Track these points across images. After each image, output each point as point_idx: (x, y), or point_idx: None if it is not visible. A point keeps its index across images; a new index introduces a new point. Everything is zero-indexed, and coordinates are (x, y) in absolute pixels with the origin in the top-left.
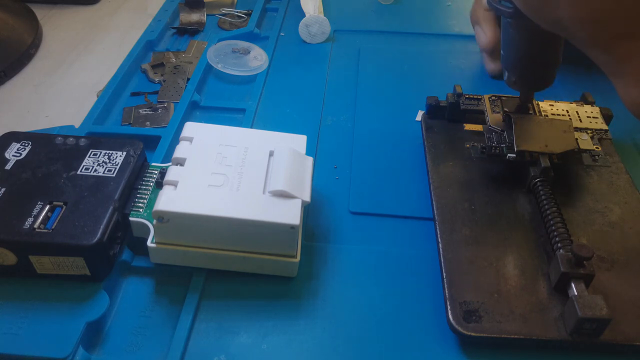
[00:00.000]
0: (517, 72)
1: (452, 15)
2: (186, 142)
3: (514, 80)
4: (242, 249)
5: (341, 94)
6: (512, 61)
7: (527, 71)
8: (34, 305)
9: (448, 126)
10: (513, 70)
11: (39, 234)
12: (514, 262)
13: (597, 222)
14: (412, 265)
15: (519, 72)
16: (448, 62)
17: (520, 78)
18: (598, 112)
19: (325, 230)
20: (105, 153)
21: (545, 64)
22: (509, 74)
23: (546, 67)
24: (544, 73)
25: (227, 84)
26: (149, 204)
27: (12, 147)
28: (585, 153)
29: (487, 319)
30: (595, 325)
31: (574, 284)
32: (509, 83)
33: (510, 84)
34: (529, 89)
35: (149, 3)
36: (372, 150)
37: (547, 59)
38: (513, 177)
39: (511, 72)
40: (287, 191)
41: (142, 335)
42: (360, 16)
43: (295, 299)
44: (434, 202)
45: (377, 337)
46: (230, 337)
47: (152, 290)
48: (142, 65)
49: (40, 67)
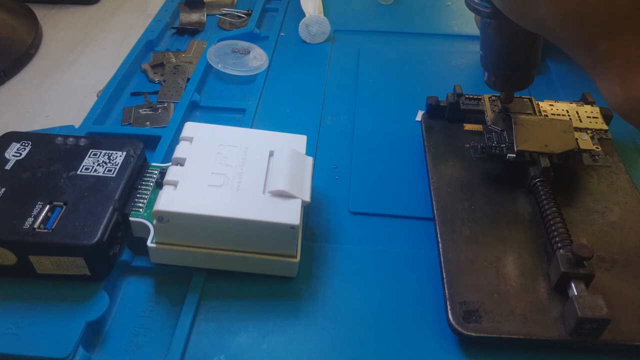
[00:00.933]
0: (497, 73)
1: (452, 15)
2: (186, 142)
3: (493, 80)
4: (242, 249)
5: (341, 94)
6: (491, 61)
7: (507, 71)
8: (34, 305)
9: (448, 126)
10: (492, 71)
11: (39, 234)
12: (514, 262)
13: (597, 222)
14: (412, 265)
15: (499, 72)
16: (448, 62)
17: (500, 78)
18: (598, 112)
19: (325, 230)
20: (105, 153)
21: (525, 64)
22: (489, 74)
23: (526, 67)
24: (523, 73)
25: (227, 84)
26: (149, 204)
27: (12, 147)
28: (585, 153)
29: (487, 319)
30: (595, 325)
31: (574, 284)
32: (488, 83)
33: (490, 84)
34: (509, 89)
35: (149, 3)
36: (372, 150)
37: (527, 59)
38: (513, 177)
39: (490, 72)
40: (287, 191)
41: (142, 335)
42: (360, 16)
43: (295, 299)
44: (434, 202)
45: (377, 337)
46: (230, 337)
47: (152, 290)
48: (142, 65)
49: (40, 67)
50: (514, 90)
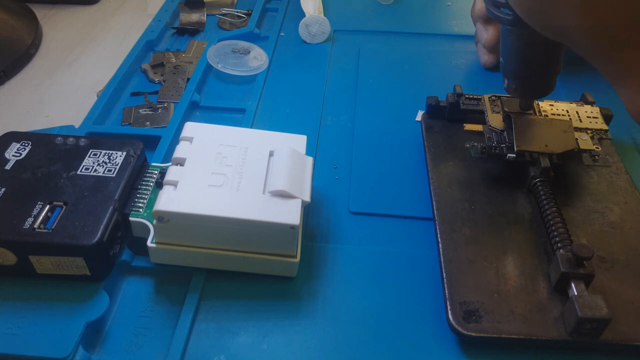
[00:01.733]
0: (518, 80)
1: (452, 15)
2: (186, 142)
3: (514, 88)
4: (242, 249)
5: (341, 94)
6: (512, 69)
7: (528, 79)
8: (34, 305)
9: (448, 126)
10: (513, 79)
11: (39, 234)
12: (514, 262)
13: (597, 222)
14: (412, 265)
15: (519, 80)
16: (448, 62)
17: (521, 86)
18: (598, 112)
19: (325, 230)
20: (105, 153)
21: (546, 71)
22: (509, 82)
23: (547, 74)
24: (544, 80)
25: (227, 84)
26: (149, 204)
27: (12, 147)
28: (585, 153)
29: (487, 319)
30: (595, 325)
31: (574, 284)
32: (508, 90)
33: (510, 91)
34: (529, 96)
35: (149, 3)
36: (372, 150)
37: (548, 67)
38: (513, 177)
39: (511, 80)
40: (287, 191)
41: (142, 335)
42: (360, 16)
43: (295, 299)
44: (434, 202)
45: (377, 337)
46: (230, 337)
47: (152, 290)
48: (142, 65)
49: (40, 67)
50: (534, 98)
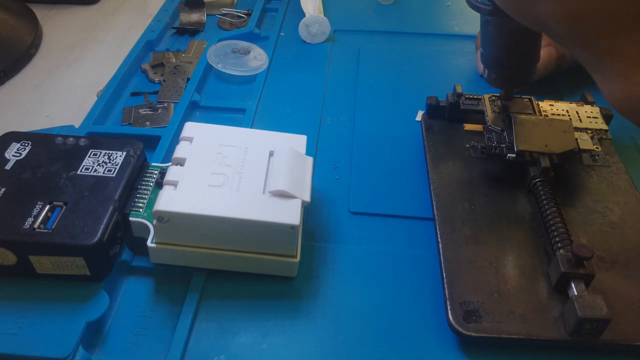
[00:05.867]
0: (497, 70)
1: (452, 15)
2: (186, 142)
3: (494, 78)
4: (242, 249)
5: (341, 94)
6: (491, 59)
7: (507, 69)
8: (34, 305)
9: (448, 126)
10: (493, 68)
11: (39, 234)
12: (514, 262)
13: (597, 222)
14: (412, 265)
15: (499, 69)
16: (448, 62)
17: (501, 76)
18: (598, 112)
19: (325, 230)
20: (105, 153)
21: (525, 61)
22: (489, 72)
23: (526, 64)
24: (523, 70)
25: (227, 84)
26: (149, 204)
27: (12, 147)
28: (585, 153)
29: (487, 319)
30: (595, 325)
31: (574, 284)
32: (489, 80)
33: (490, 81)
34: (509, 86)
35: (149, 3)
36: (372, 150)
37: (527, 56)
38: (513, 177)
39: (491, 69)
40: (287, 191)
41: (142, 335)
42: (360, 16)
43: (295, 299)
44: (434, 202)
45: (377, 337)
46: (230, 337)
47: (152, 290)
48: (142, 65)
49: (40, 67)
50: (513, 88)
